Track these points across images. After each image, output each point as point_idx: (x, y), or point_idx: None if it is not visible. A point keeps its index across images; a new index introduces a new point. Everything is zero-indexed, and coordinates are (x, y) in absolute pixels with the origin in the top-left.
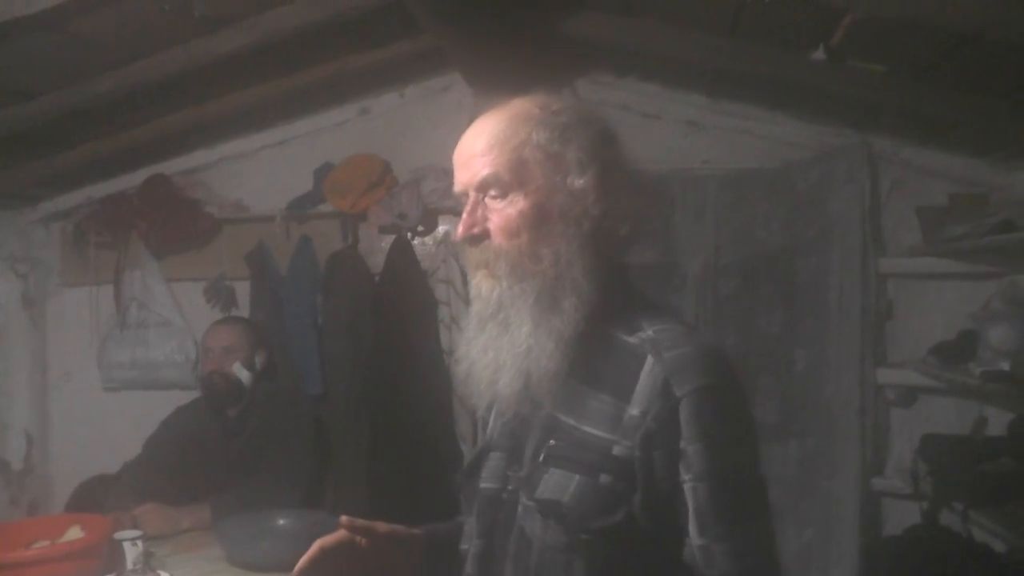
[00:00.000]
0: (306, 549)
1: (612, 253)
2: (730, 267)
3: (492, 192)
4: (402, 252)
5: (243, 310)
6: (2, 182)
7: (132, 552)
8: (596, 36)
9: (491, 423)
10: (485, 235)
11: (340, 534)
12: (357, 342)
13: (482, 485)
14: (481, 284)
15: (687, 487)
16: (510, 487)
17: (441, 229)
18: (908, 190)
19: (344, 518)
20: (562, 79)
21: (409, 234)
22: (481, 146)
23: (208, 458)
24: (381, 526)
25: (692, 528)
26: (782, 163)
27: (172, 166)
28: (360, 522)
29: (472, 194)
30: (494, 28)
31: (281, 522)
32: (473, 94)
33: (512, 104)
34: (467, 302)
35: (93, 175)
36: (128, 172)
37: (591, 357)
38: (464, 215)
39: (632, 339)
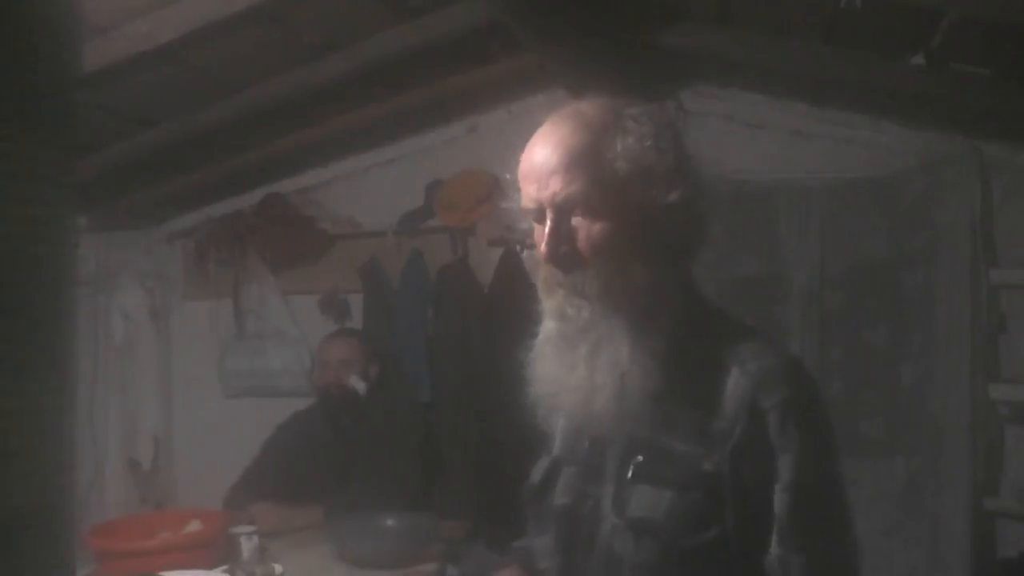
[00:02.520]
0: (412, 549)
1: (690, 266)
2: (835, 279)
3: (578, 210)
4: (511, 265)
5: (356, 322)
6: (130, 204)
7: (247, 545)
8: (694, 46)
9: (559, 438)
10: (573, 255)
11: None
12: (466, 352)
13: (557, 501)
14: (566, 305)
15: (775, 499)
16: (589, 503)
17: None
18: (1023, 197)
19: None
20: (665, 91)
21: (518, 247)
22: (559, 160)
23: (322, 461)
24: None
25: (774, 538)
26: (888, 172)
27: (286, 185)
28: None
29: (552, 213)
30: (595, 44)
31: (390, 523)
32: None
33: (580, 110)
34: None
35: (212, 195)
36: (245, 192)
37: (676, 371)
38: (547, 235)
39: (714, 352)
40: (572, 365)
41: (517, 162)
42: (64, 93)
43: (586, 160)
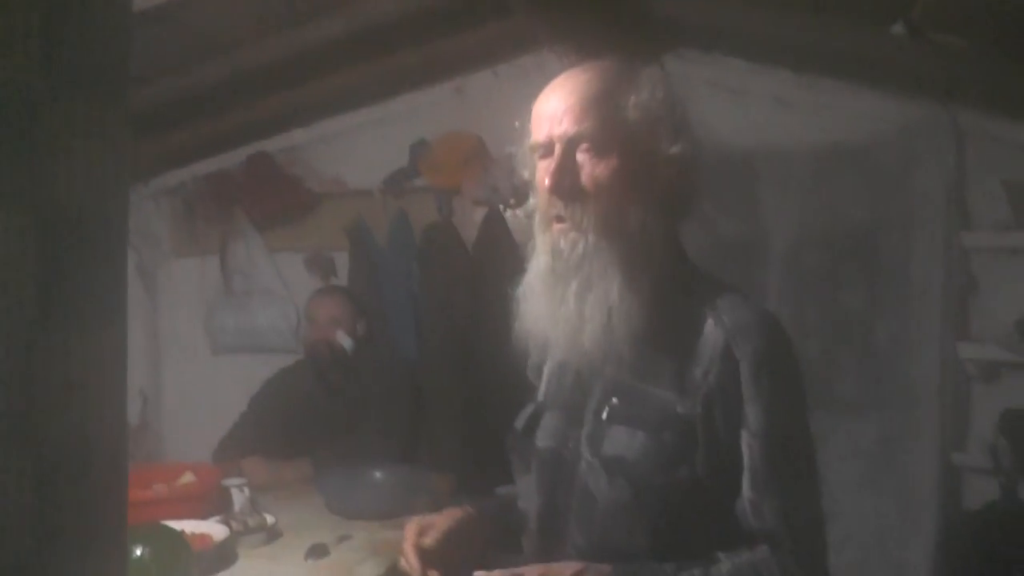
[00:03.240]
0: (400, 500)
1: (680, 220)
2: (813, 241)
3: (585, 146)
4: (495, 225)
5: (342, 279)
6: None
7: (239, 497)
8: (682, 15)
9: (544, 384)
10: (576, 187)
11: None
12: (451, 309)
13: (540, 444)
14: (560, 238)
15: (744, 444)
16: (570, 445)
17: (532, 202)
18: (995, 164)
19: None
20: (649, 55)
21: (502, 207)
22: (575, 101)
23: (310, 416)
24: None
25: (745, 483)
26: (867, 138)
27: (274, 144)
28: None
29: (561, 146)
30: (581, 7)
31: (378, 475)
32: (564, 72)
33: (598, 65)
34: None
35: (200, 153)
36: (232, 150)
37: (656, 318)
38: (554, 165)
39: (692, 303)
40: (562, 299)
41: (505, 122)
42: (122, 65)
43: (600, 103)
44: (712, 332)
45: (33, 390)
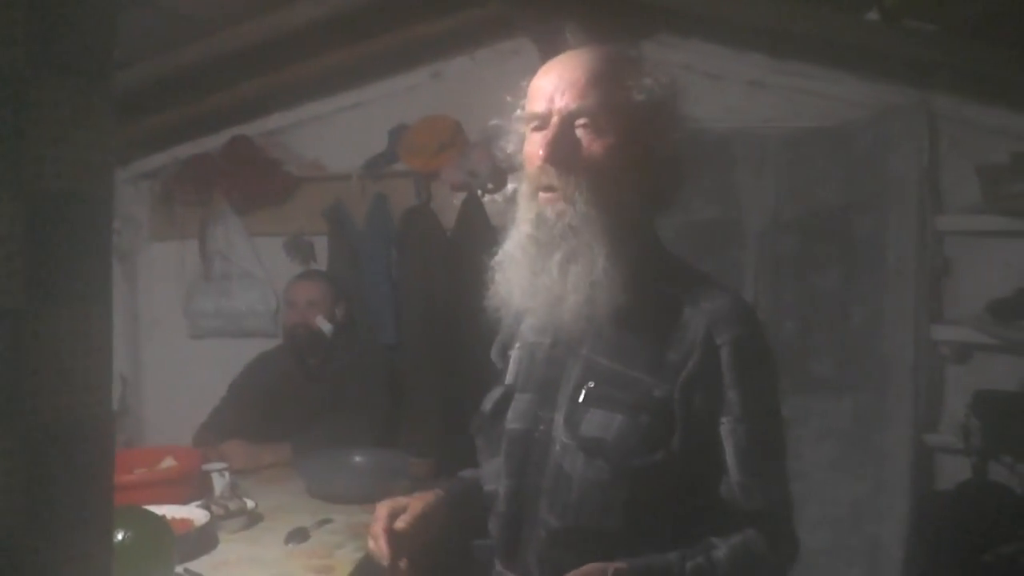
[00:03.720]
0: (379, 484)
1: (661, 209)
2: (789, 224)
3: (584, 121)
4: (473, 209)
5: (321, 264)
6: None
7: (220, 482)
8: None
9: (513, 366)
10: (572, 158)
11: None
12: (429, 294)
13: (509, 426)
14: (548, 208)
15: (725, 428)
16: (542, 427)
17: (510, 187)
18: (968, 148)
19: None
20: (625, 41)
21: (480, 192)
22: (579, 76)
23: (290, 400)
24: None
25: (733, 466)
26: (842, 122)
27: (253, 128)
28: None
29: (560, 118)
30: None
31: (357, 459)
32: (540, 57)
33: (604, 47)
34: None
35: (179, 137)
36: (212, 134)
37: (635, 302)
38: (552, 135)
39: (670, 289)
40: (542, 269)
41: (483, 106)
42: (107, 46)
43: (604, 82)
44: (691, 318)
45: (21, 372)
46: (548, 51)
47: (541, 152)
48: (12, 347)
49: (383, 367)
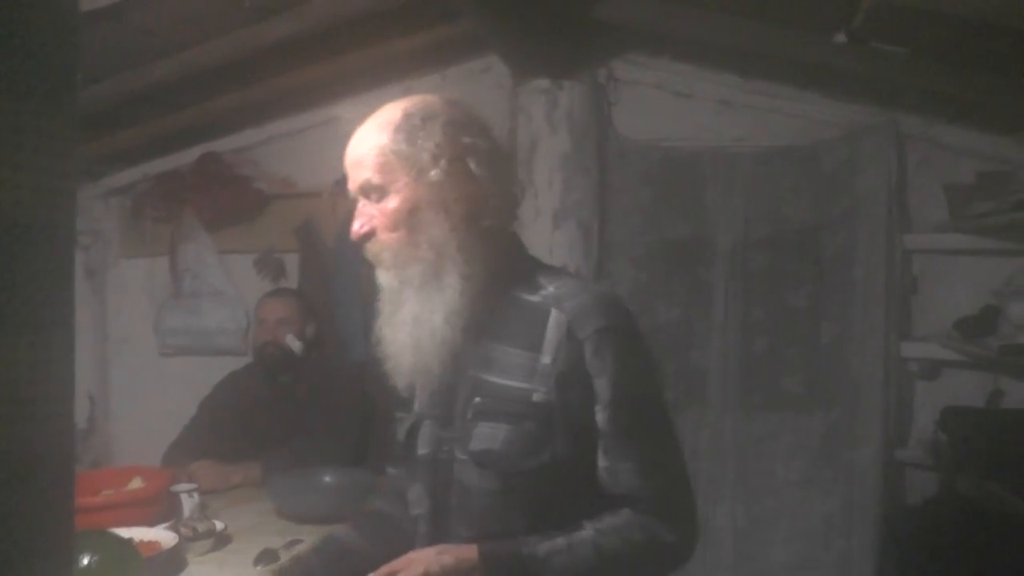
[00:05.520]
0: (349, 504)
1: (496, 226)
2: (759, 243)
3: (371, 195)
4: None
5: (291, 281)
6: None
7: (188, 503)
8: (627, 19)
9: (417, 397)
10: (372, 233)
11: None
12: None
13: (419, 452)
14: (380, 275)
15: (597, 418)
16: (445, 448)
17: None
18: (935, 168)
19: None
20: (596, 60)
21: None
22: (358, 153)
23: (259, 419)
24: None
25: (599, 451)
26: (811, 141)
27: (223, 144)
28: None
29: (359, 197)
30: (530, 13)
31: (327, 479)
32: (511, 75)
33: (384, 111)
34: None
35: (149, 153)
36: (182, 150)
37: (500, 318)
38: (355, 216)
39: (535, 297)
40: (399, 325)
41: None
42: (70, 69)
43: (372, 152)
44: (555, 320)
45: None
46: (518, 69)
47: (351, 231)
48: None
49: (353, 385)
